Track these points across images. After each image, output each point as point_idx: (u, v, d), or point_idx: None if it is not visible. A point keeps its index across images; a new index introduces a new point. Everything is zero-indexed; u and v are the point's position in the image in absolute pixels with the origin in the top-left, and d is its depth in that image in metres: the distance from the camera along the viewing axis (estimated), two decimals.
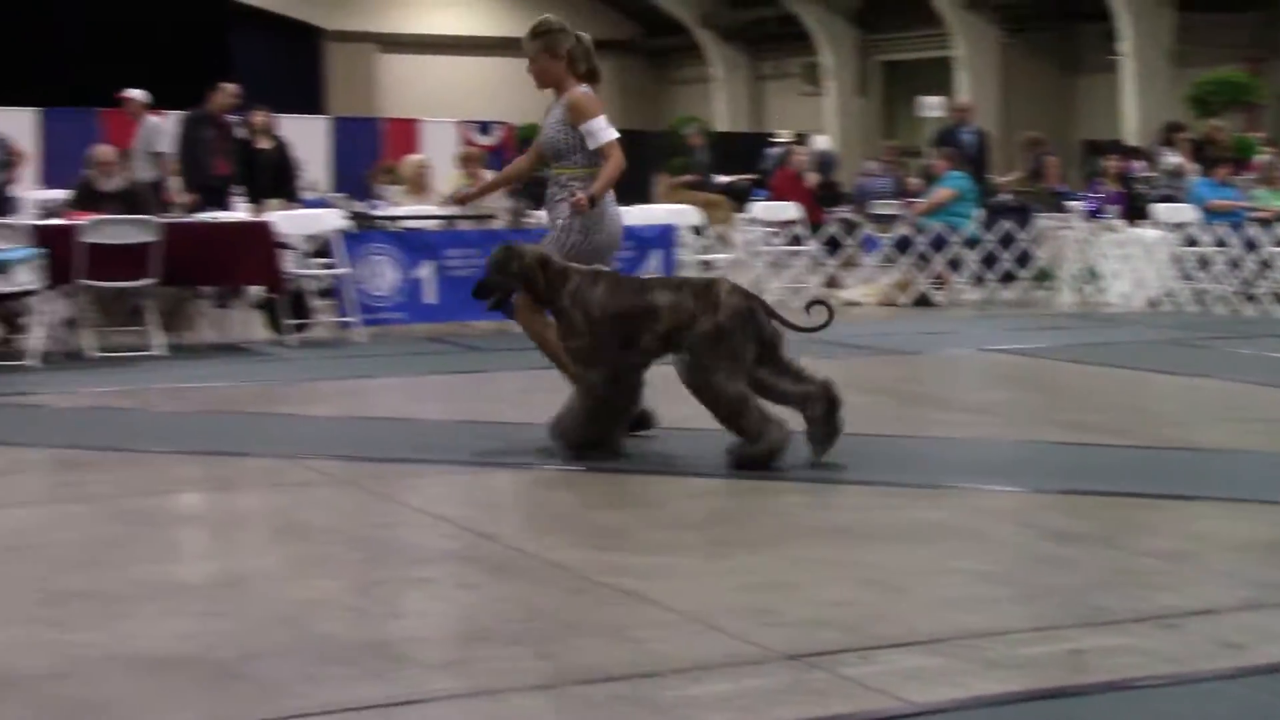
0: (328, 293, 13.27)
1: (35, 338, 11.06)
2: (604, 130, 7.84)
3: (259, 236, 12.12)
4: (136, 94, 16.56)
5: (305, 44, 38.14)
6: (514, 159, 9.65)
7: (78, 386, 10.04)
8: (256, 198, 14.69)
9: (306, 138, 21.29)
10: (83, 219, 11.45)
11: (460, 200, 9.74)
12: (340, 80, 37.75)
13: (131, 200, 12.53)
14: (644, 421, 7.86)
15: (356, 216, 14.00)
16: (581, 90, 7.92)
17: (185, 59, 31.57)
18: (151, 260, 11.35)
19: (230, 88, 15.54)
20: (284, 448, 7.90)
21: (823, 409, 7.18)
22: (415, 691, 4.15)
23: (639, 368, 7.51)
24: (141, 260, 11.33)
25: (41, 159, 22.84)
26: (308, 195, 17.55)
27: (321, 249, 13.02)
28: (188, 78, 19.65)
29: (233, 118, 15.73)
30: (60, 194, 18.34)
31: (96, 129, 21.14)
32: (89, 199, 12.45)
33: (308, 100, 33.79)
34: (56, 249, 11.06)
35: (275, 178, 15.40)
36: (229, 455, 7.79)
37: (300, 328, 12.66)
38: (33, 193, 18.49)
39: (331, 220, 13.24)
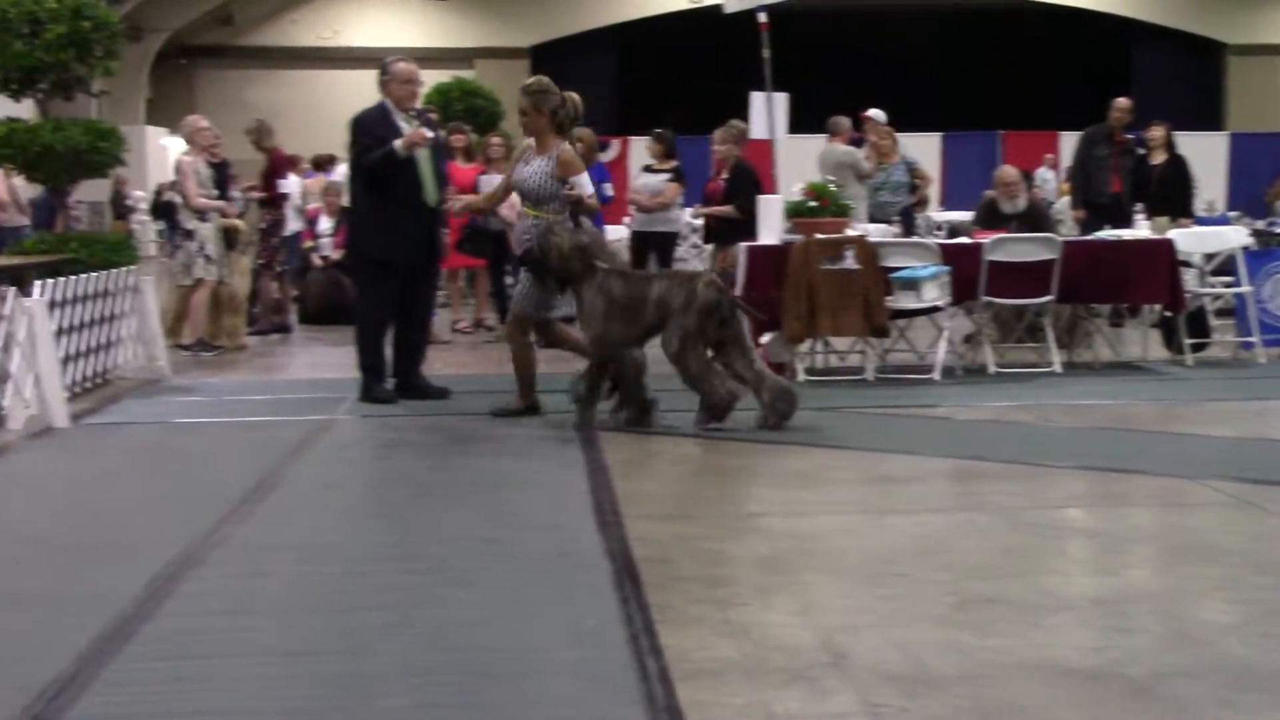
0: (1227, 312, 12.89)
1: (939, 353, 11.50)
2: (590, 184, 9.49)
3: (1159, 254, 11.96)
4: (876, 114, 16.44)
5: (1206, 59, 37.24)
6: None
7: (978, 400, 10.35)
8: (1150, 214, 14.51)
9: (1204, 154, 20.82)
10: (987, 238, 11.79)
11: None
12: (1240, 95, 36.52)
13: (1033, 219, 12.75)
14: None
15: (1258, 234, 13.53)
16: (567, 147, 9.40)
17: (1085, 76, 31.67)
18: (1051, 278, 11.50)
19: (1122, 102, 15.45)
20: (1179, 467, 7.78)
21: (769, 396, 9.04)
22: None
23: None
24: (1042, 278, 11.51)
25: (943, 181, 23.67)
26: (1203, 213, 17.16)
27: (1221, 267, 12.68)
28: (1088, 95, 19.73)
29: (1129, 135, 15.63)
30: (960, 215, 18.98)
31: (996, 151, 21.63)
32: (993, 218, 12.80)
33: (1207, 116, 32.99)
34: (960, 267, 11.44)
35: (1167, 193, 15.13)
36: (1124, 472, 7.77)
37: (1198, 347, 12.39)
38: (935, 214, 19.20)
39: (1234, 237, 12.87)
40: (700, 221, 16.06)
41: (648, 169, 15.53)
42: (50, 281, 10.36)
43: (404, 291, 10.44)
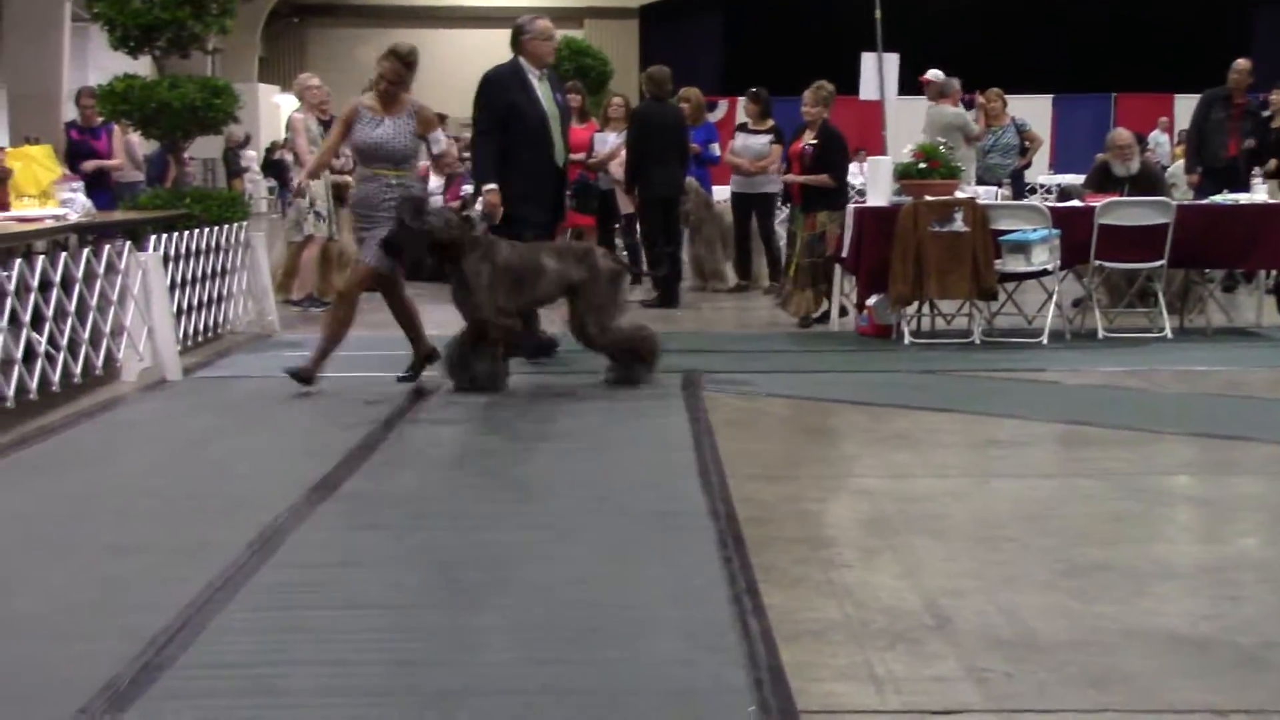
0: None
1: (1048, 317, 11.38)
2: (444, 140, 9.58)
3: (1277, 219, 11.74)
4: (935, 75, 16.06)
5: None
6: None
7: (1087, 365, 10.23)
8: (1268, 177, 14.25)
9: None
10: (1098, 201, 11.63)
11: None
12: None
13: (1146, 183, 12.56)
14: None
15: None
16: (423, 104, 9.40)
17: (1203, 37, 31.11)
18: (1164, 242, 11.34)
19: (1242, 64, 15.16)
20: None
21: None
22: None
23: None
24: (1153, 242, 11.34)
25: (1053, 144, 23.37)
26: None
27: None
28: (1205, 57, 19.38)
29: (1249, 97, 15.34)
30: (1071, 178, 18.75)
31: (1109, 113, 21.32)
32: (1105, 181, 12.64)
33: None
34: (1071, 230, 11.31)
35: None
36: (1236, 439, 7.67)
37: None
38: (1044, 176, 18.99)
39: None
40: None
41: (743, 129, 15.48)
42: (165, 236, 10.52)
43: None
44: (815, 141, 12.34)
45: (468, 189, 17.95)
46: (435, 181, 17.54)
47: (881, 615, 4.70)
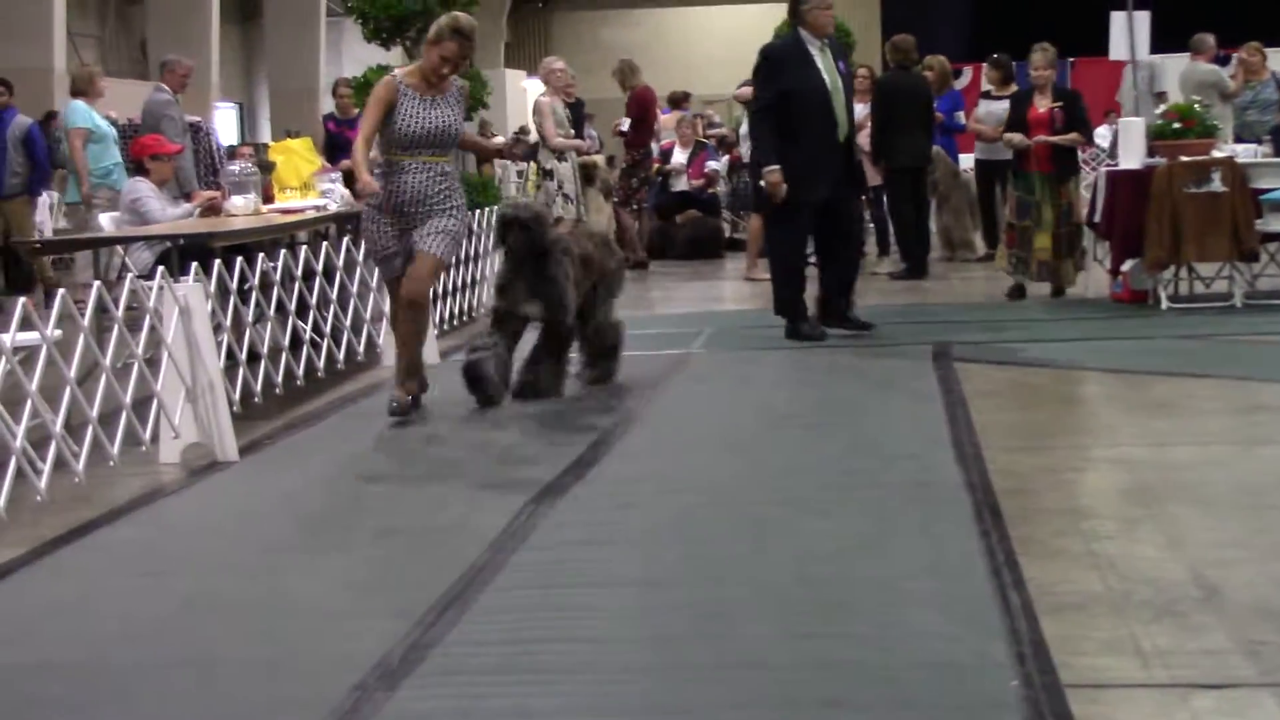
0: None
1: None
2: None
3: None
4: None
5: None
6: None
7: None
8: None
9: None
10: None
11: None
12: None
13: None
14: None
15: None
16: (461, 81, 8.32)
17: None
18: None
19: None
20: None
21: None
22: None
23: None
24: None
25: None
26: None
27: None
28: None
29: None
30: None
31: None
32: None
33: None
34: None
35: None
36: None
37: None
38: None
39: None
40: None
41: (986, 95, 15.21)
42: None
43: (826, 227, 10.14)
44: (1059, 104, 12.05)
45: (713, 165, 18.05)
46: (680, 155, 17.64)
47: (1145, 587, 4.60)
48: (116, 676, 4.25)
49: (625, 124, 16.19)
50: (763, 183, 10.02)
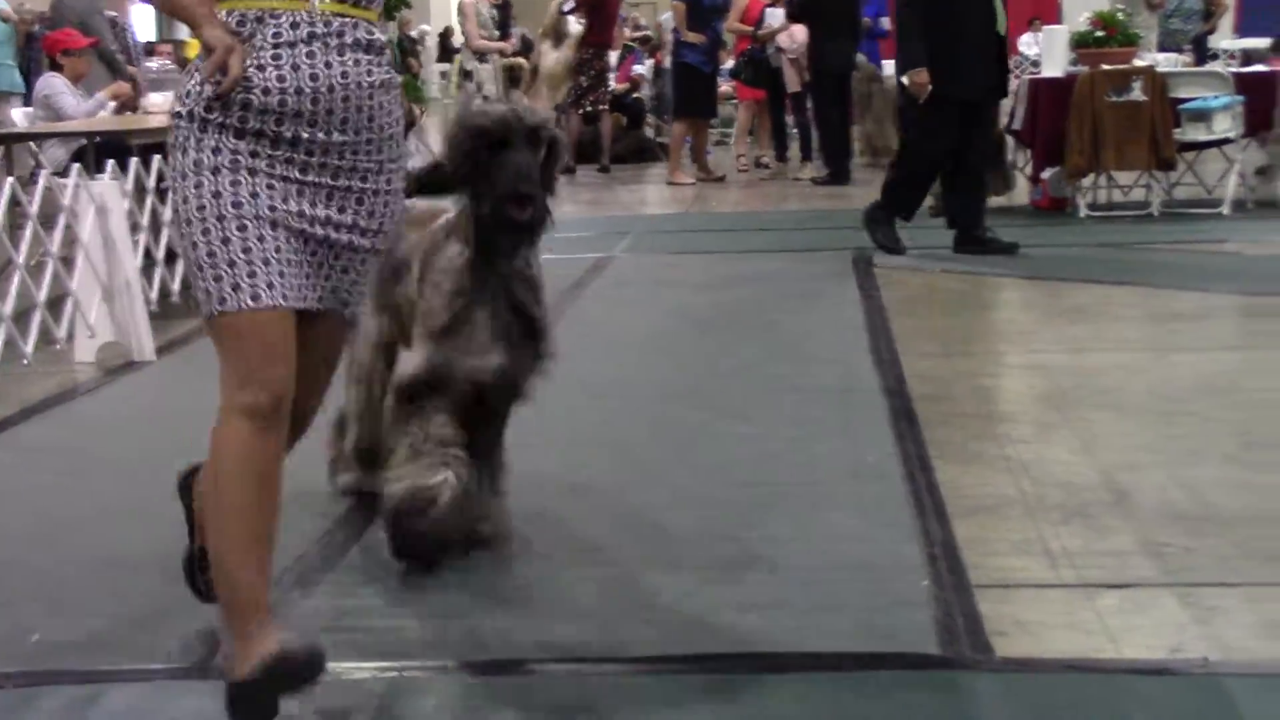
0: None
1: (1229, 186, 11.09)
2: None
3: None
4: None
5: None
6: None
7: (1270, 235, 9.97)
8: None
9: None
10: None
11: None
12: None
13: None
14: None
15: None
16: None
17: None
18: None
19: None
20: None
21: None
22: None
23: None
24: None
25: (1239, 6, 22.62)
26: None
27: None
28: None
29: None
30: (1255, 41, 18.16)
31: None
32: None
33: None
34: (1255, 97, 10.98)
35: None
36: None
37: None
38: (1228, 41, 18.41)
39: None
40: None
41: None
42: None
43: (963, 131, 9.41)
44: None
45: (639, 68, 17.94)
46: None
47: (1057, 490, 4.67)
48: (36, 576, 4.23)
49: (570, 3, 15.60)
50: (905, 79, 9.41)
